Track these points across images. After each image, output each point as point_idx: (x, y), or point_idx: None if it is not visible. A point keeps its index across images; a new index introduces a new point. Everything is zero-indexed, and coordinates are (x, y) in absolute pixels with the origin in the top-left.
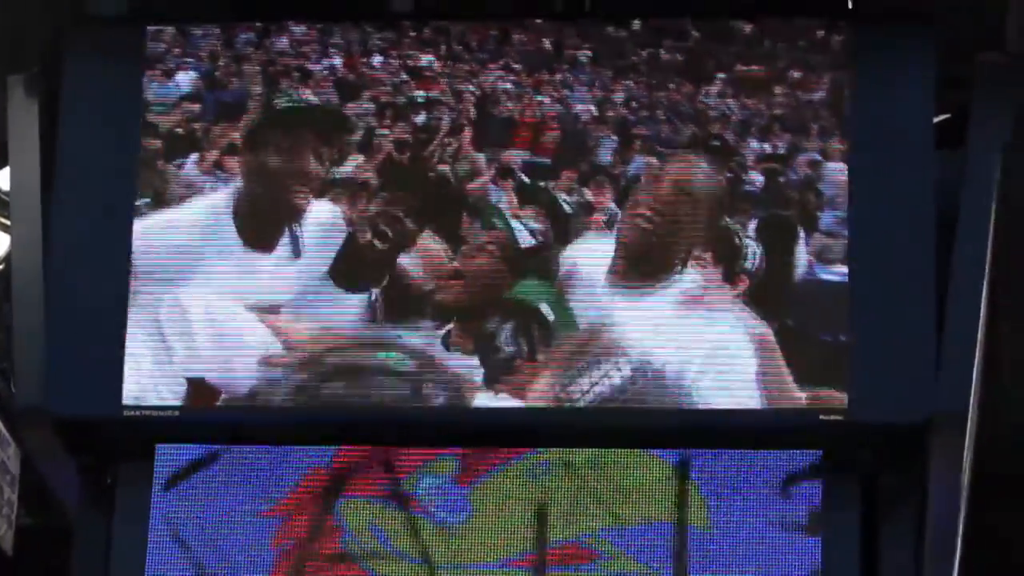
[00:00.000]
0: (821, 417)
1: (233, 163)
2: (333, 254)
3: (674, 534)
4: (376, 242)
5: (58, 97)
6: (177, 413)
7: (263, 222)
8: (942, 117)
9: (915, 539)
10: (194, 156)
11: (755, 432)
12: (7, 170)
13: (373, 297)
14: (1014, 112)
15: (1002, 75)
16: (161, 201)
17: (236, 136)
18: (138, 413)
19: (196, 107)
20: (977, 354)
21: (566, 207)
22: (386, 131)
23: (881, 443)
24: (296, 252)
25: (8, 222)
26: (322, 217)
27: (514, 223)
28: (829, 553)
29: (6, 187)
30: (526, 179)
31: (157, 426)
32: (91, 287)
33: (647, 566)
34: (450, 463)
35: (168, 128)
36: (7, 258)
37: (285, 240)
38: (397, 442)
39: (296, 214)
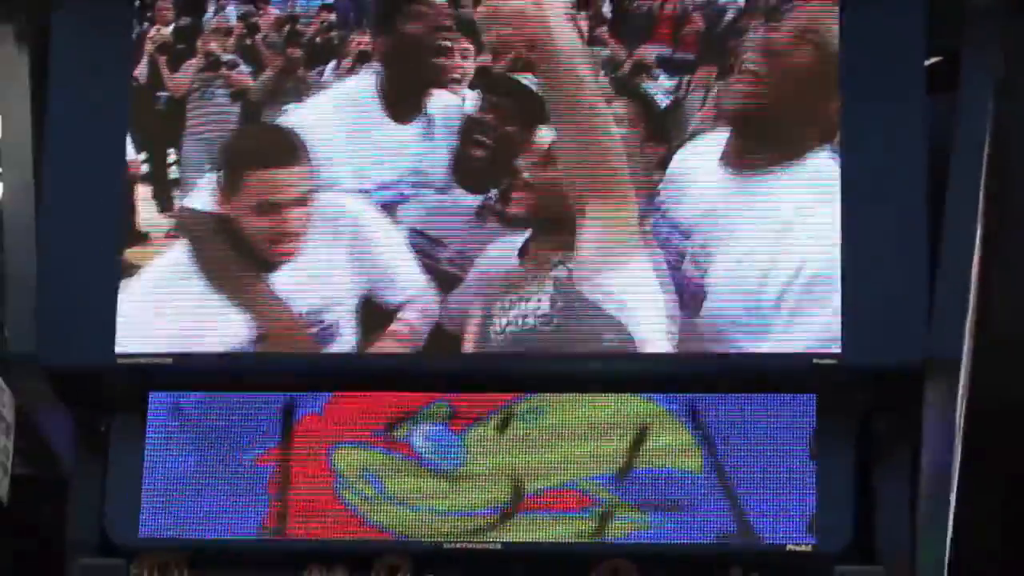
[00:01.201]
0: (815, 361)
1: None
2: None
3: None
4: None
5: (48, 42)
6: (170, 361)
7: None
8: (933, 60)
9: (910, 479)
10: (332, 63)
11: (749, 376)
12: None
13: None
14: (1005, 49)
15: (992, 11)
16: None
17: (367, 41)
18: (131, 361)
19: (332, 16)
20: (971, 296)
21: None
22: None
23: (875, 386)
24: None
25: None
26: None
27: None
28: (824, 495)
29: None
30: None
31: (150, 374)
32: (83, 235)
33: (642, 511)
34: (443, 409)
35: (309, 37)
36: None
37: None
38: (391, 387)
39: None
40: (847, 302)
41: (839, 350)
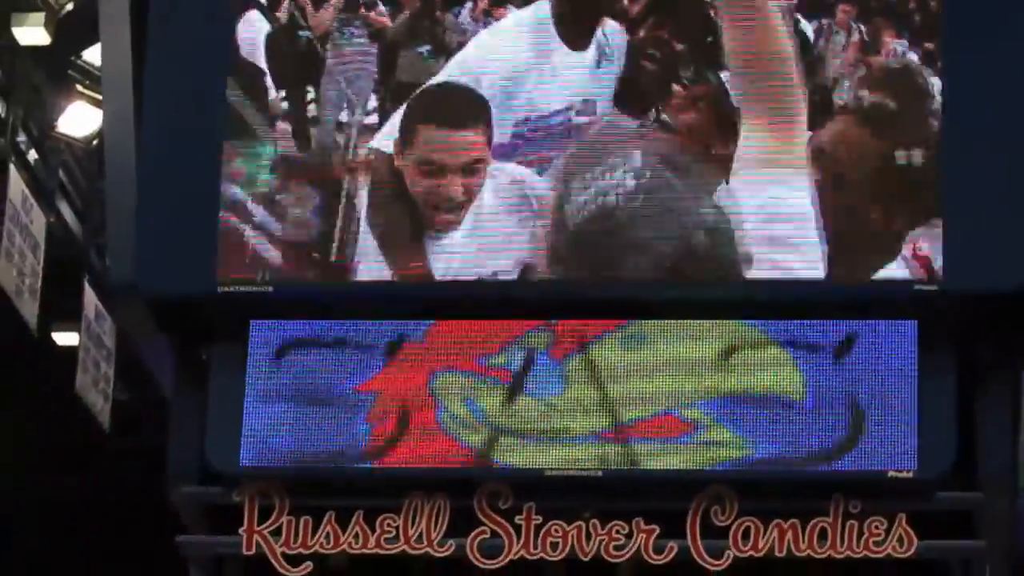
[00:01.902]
0: (916, 287)
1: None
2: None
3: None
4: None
5: None
6: (271, 289)
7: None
8: None
9: (1011, 405)
10: (468, 5)
11: (851, 302)
12: (99, 46)
13: None
14: None
15: None
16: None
17: None
18: (232, 289)
19: None
20: None
21: None
22: None
23: (976, 312)
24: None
25: (100, 97)
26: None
27: None
28: (926, 421)
29: (98, 63)
30: None
31: (251, 303)
32: (184, 164)
33: (742, 436)
34: (544, 336)
35: None
36: (100, 135)
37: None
38: (492, 315)
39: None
40: (949, 229)
41: (941, 276)
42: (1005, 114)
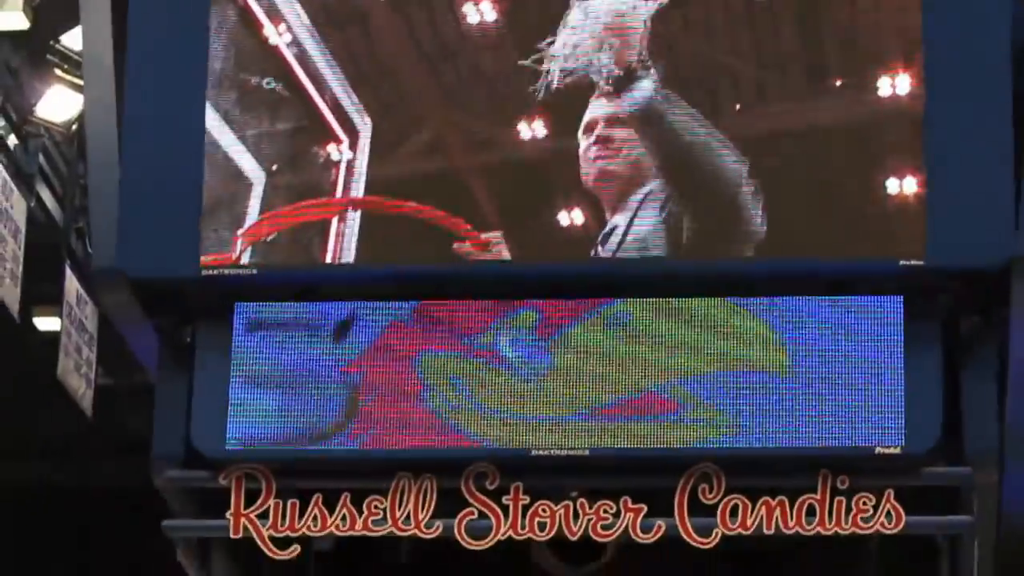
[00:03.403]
0: (901, 262)
1: None
2: None
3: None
4: None
5: None
6: (255, 272)
7: None
8: None
9: (997, 379)
10: None
11: (835, 278)
12: (79, 30)
13: None
14: None
15: None
16: None
17: None
18: (216, 272)
19: None
20: None
21: None
22: None
23: (960, 287)
24: None
25: (81, 82)
26: None
27: None
28: (912, 395)
29: (79, 47)
30: None
31: (235, 285)
32: (166, 147)
33: (729, 414)
34: (531, 315)
35: None
36: (81, 118)
37: None
38: (477, 295)
39: None
40: (932, 206)
41: (925, 252)
42: (986, 91)
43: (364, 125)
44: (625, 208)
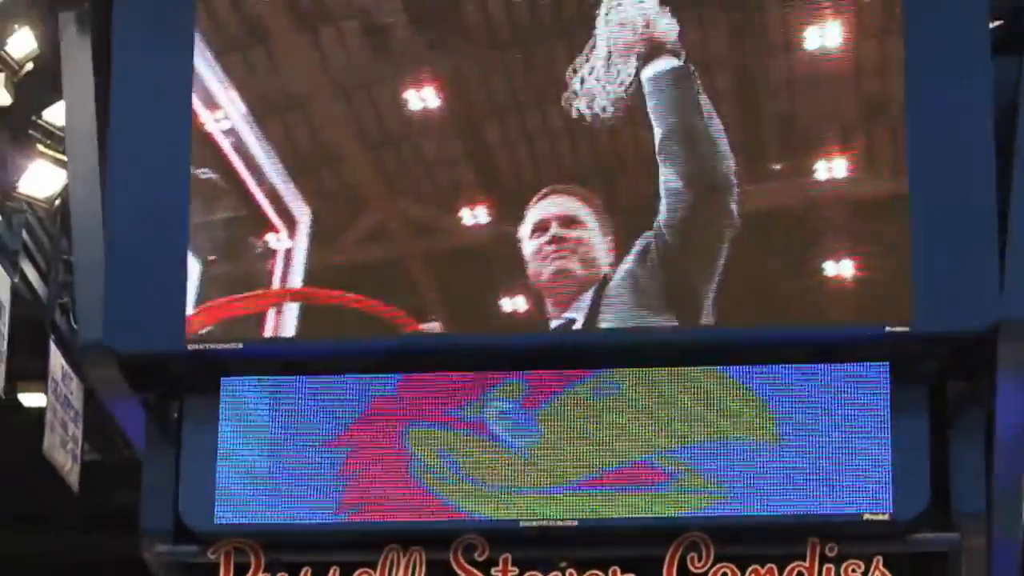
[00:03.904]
0: (887, 329)
1: None
2: None
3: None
4: None
5: (110, 31)
6: (241, 346)
7: None
8: (996, 23)
9: (984, 444)
10: None
11: (821, 346)
12: (62, 105)
13: None
14: None
15: None
16: None
17: None
18: (203, 347)
19: None
20: None
21: None
22: None
23: (947, 352)
24: None
25: (65, 157)
26: None
27: None
28: (899, 461)
29: (61, 123)
30: None
31: (222, 360)
32: (151, 222)
33: (716, 482)
34: (517, 386)
35: None
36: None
37: None
38: (463, 367)
39: None
40: (918, 271)
41: (911, 319)
42: (969, 156)
43: (303, 214)
44: (578, 305)
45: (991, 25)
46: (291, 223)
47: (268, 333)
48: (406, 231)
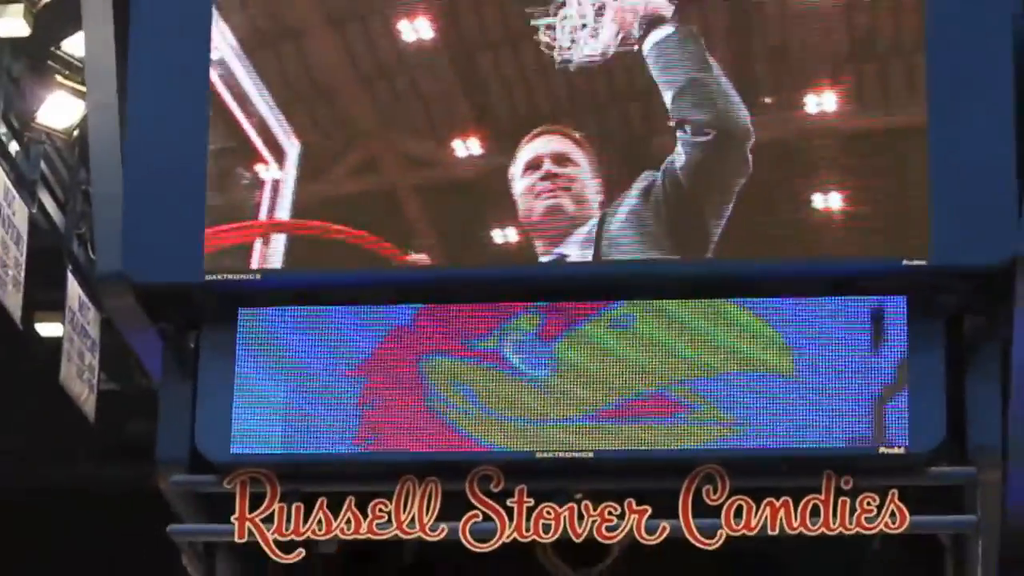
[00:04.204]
0: (904, 262)
1: None
2: None
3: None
4: None
5: None
6: (259, 277)
7: None
8: None
9: (1000, 378)
10: None
11: (838, 278)
12: (80, 36)
13: None
14: None
15: None
16: None
17: None
18: (219, 278)
19: None
20: None
21: None
22: None
23: (964, 287)
24: None
25: (84, 88)
26: None
27: None
28: (916, 394)
29: (80, 54)
30: None
31: (239, 291)
32: (169, 152)
33: (732, 415)
34: (533, 318)
35: None
36: (83, 124)
37: None
38: (479, 299)
39: None
40: (936, 206)
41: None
42: (987, 92)
43: (292, 146)
44: (572, 240)
45: None
46: (280, 155)
47: (255, 264)
48: (396, 163)
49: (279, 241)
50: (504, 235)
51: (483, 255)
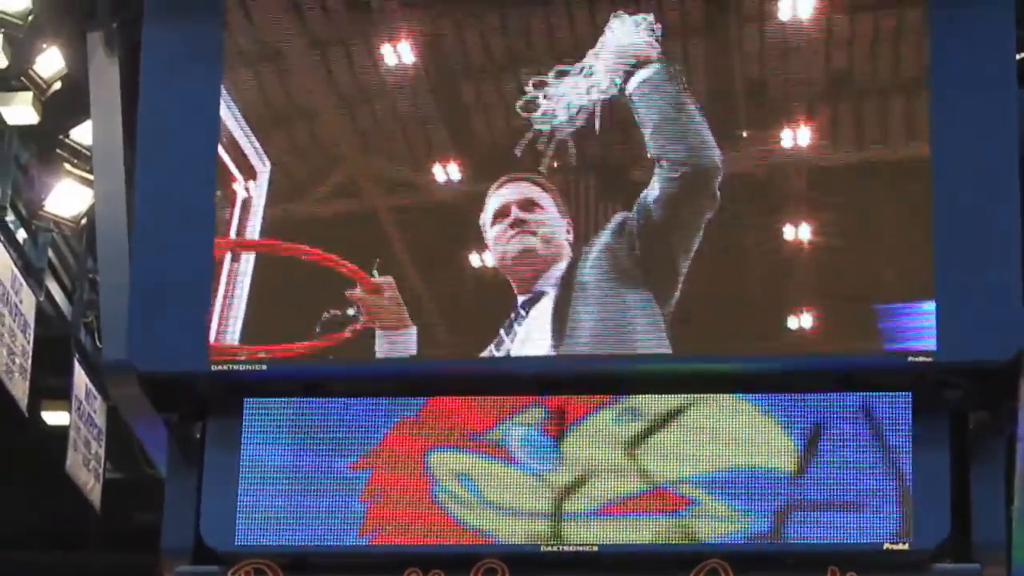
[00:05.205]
0: (910, 359)
1: None
2: None
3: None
4: None
5: (138, 51)
6: (265, 368)
7: None
8: (1023, 55)
9: (1006, 475)
10: None
11: (844, 374)
12: (89, 124)
13: None
14: None
15: None
16: None
17: None
18: (226, 368)
19: None
20: None
21: None
22: None
23: (969, 382)
24: None
25: (91, 177)
26: None
27: None
28: (920, 493)
29: (88, 142)
30: None
31: (245, 381)
32: (176, 242)
33: (738, 510)
34: (538, 412)
35: None
36: (90, 212)
37: None
38: (486, 391)
39: None
40: (941, 300)
41: (934, 347)
42: (992, 182)
43: (263, 167)
44: (547, 280)
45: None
46: (250, 174)
47: (223, 278)
48: (373, 186)
49: (248, 260)
50: (481, 260)
51: (456, 279)
